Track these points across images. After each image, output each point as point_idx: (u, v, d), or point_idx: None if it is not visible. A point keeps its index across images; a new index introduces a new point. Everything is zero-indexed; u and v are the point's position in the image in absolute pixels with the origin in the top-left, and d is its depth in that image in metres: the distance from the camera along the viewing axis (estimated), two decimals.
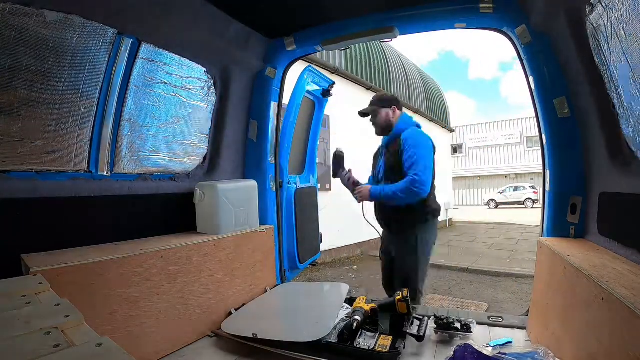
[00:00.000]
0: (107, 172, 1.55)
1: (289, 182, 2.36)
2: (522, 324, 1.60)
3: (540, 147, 1.66)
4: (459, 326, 1.48)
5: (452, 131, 14.72)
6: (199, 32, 1.70)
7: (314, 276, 5.58)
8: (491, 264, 6.17)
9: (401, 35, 1.84)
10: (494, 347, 1.28)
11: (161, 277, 1.38)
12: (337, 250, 6.67)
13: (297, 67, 2.30)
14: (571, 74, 1.42)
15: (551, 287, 1.31)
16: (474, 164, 24.96)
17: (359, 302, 1.53)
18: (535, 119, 1.65)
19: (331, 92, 2.59)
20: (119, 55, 1.49)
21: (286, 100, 2.30)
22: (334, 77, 6.17)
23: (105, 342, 0.56)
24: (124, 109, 1.56)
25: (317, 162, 2.57)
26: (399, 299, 1.45)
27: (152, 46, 1.60)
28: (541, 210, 1.67)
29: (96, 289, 1.16)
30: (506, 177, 23.43)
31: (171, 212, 1.77)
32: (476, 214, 17.11)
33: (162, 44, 1.63)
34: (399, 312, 1.46)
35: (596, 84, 1.23)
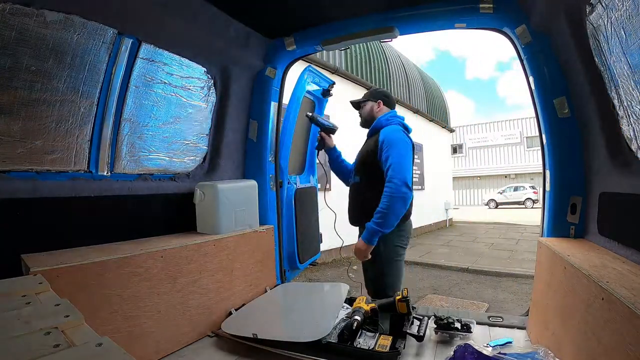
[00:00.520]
0: (107, 172, 1.55)
1: (289, 182, 2.36)
2: (522, 324, 1.60)
3: (540, 147, 1.66)
4: (459, 326, 1.48)
5: (452, 131, 14.71)
6: (198, 32, 1.69)
7: (314, 276, 5.58)
8: (491, 264, 6.18)
9: (401, 35, 1.84)
10: (494, 347, 1.28)
11: (161, 277, 1.38)
12: (337, 250, 6.65)
13: (297, 67, 2.29)
14: (571, 74, 1.41)
15: (551, 287, 1.31)
16: (474, 164, 24.97)
17: (359, 302, 1.53)
18: (535, 119, 1.65)
19: (331, 92, 2.59)
20: (119, 55, 1.49)
21: (286, 100, 2.29)
22: (334, 77, 6.17)
23: (105, 342, 0.56)
24: (124, 109, 1.56)
25: (317, 162, 2.56)
26: (399, 299, 1.45)
27: (152, 46, 1.60)
28: (541, 210, 1.67)
29: (96, 289, 1.16)
30: (506, 177, 23.45)
31: (171, 212, 1.77)
32: (476, 214, 17.12)
33: (162, 44, 1.63)
34: (399, 312, 1.45)
35: (596, 84, 1.23)
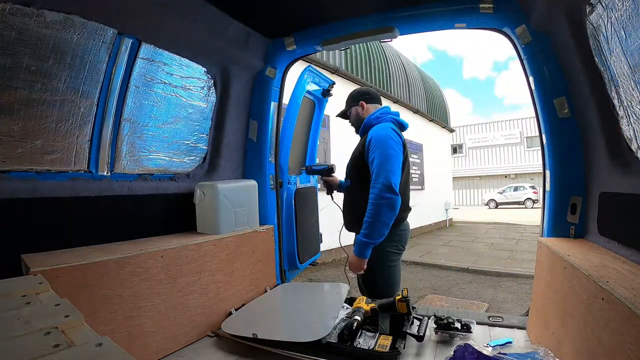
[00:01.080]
0: (107, 172, 1.55)
1: (289, 182, 2.36)
2: (522, 324, 1.60)
3: (540, 147, 1.66)
4: (459, 326, 1.48)
5: (452, 131, 14.72)
6: (198, 32, 1.69)
7: (314, 276, 5.58)
8: (491, 264, 6.18)
9: (401, 35, 1.84)
10: (494, 347, 1.28)
11: (161, 277, 1.38)
12: (337, 250, 6.65)
13: (297, 67, 2.29)
14: (571, 74, 1.41)
15: (551, 287, 1.31)
16: (474, 164, 24.99)
17: (359, 302, 1.53)
18: (535, 119, 1.65)
19: (331, 92, 2.59)
20: (119, 55, 1.49)
21: (286, 100, 2.29)
22: (334, 77, 6.17)
23: (105, 342, 0.56)
24: (124, 109, 1.56)
25: (317, 162, 2.56)
26: (399, 299, 1.45)
27: (152, 46, 1.60)
28: (541, 210, 1.67)
29: (96, 289, 1.16)
30: (506, 177, 23.47)
31: (171, 212, 1.77)
32: (476, 214, 17.13)
33: (162, 44, 1.63)
34: (399, 312, 1.45)
35: (596, 84, 1.23)
